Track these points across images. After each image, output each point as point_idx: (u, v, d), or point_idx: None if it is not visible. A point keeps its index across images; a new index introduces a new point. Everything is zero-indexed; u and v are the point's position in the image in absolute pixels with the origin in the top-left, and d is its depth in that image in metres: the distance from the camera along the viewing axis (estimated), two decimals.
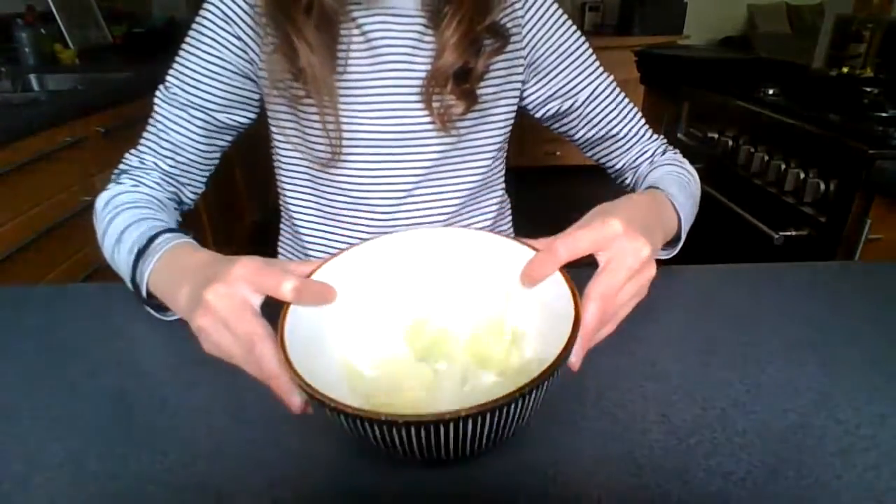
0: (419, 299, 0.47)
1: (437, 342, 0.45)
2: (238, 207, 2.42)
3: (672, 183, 0.62)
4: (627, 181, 0.75)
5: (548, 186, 3.45)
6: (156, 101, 0.66)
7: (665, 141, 0.75)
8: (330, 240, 0.72)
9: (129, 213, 0.58)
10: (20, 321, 0.57)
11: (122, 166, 0.67)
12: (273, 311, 0.39)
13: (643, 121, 0.73)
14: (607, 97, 0.71)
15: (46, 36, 2.04)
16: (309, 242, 0.73)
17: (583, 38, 0.70)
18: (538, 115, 0.73)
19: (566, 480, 0.37)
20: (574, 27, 0.69)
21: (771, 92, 1.38)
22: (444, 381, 0.41)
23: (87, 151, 1.51)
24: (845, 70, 1.57)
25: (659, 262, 0.45)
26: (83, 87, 1.70)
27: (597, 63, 0.71)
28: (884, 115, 1.13)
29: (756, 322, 0.55)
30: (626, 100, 0.72)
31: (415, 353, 0.45)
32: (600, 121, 0.71)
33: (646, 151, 0.73)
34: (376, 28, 0.61)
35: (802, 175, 1.17)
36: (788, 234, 1.19)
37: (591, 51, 0.70)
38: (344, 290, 0.43)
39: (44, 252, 1.36)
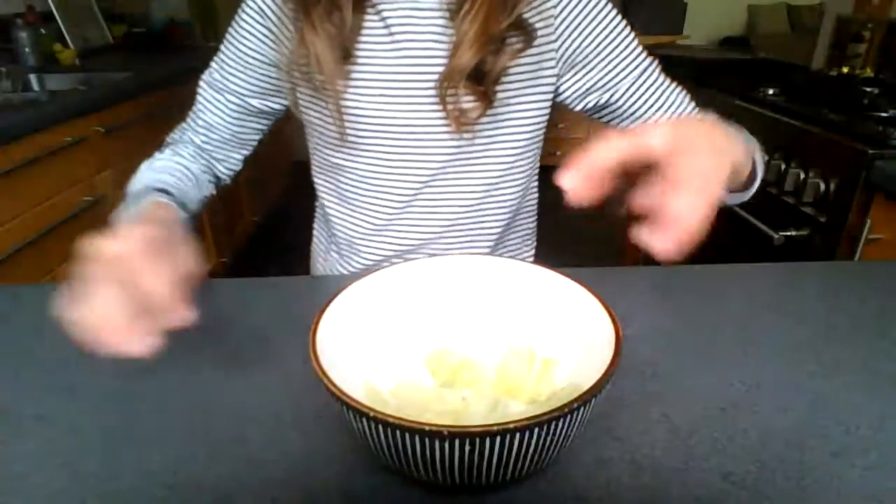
0: (445, 326, 0.46)
1: (462, 370, 0.44)
2: (238, 207, 2.42)
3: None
4: None
5: (548, 186, 3.44)
6: (200, 83, 0.72)
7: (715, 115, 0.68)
8: (352, 222, 0.74)
9: (149, 175, 0.64)
10: (20, 320, 0.57)
11: (167, 139, 0.74)
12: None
13: (688, 101, 0.70)
14: (650, 86, 0.68)
15: (46, 36, 2.04)
16: (335, 223, 0.76)
17: (622, 22, 0.66)
18: (577, 108, 0.71)
19: (566, 480, 0.37)
20: (612, 10, 0.66)
21: (771, 92, 1.38)
22: (472, 407, 0.41)
23: (87, 151, 1.50)
24: (845, 70, 1.57)
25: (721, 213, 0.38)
26: (83, 87, 1.70)
27: (637, 49, 0.67)
28: (884, 115, 1.13)
29: (756, 322, 0.55)
30: (669, 84, 0.70)
31: (438, 381, 0.44)
32: (644, 111, 0.69)
33: None
34: (399, 21, 0.62)
35: (802, 175, 1.17)
36: (788, 234, 1.19)
37: (630, 36, 0.67)
38: (370, 314, 0.43)
39: (44, 251, 1.36)
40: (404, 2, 0.62)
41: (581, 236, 2.63)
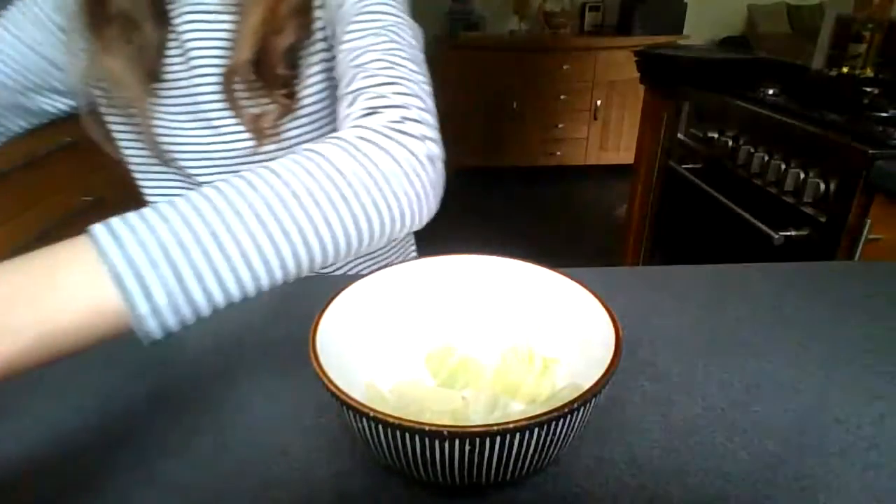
0: (445, 326, 0.46)
1: (462, 369, 0.44)
2: None
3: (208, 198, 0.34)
4: None
5: (548, 186, 3.45)
6: None
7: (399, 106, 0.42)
8: None
9: None
10: None
11: None
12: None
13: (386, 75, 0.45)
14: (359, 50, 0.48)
15: None
16: None
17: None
18: None
19: (566, 480, 0.37)
20: None
21: (771, 92, 1.39)
22: (472, 407, 0.41)
23: (85, 151, 1.50)
24: (845, 70, 1.57)
25: None
26: None
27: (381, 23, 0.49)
28: (884, 115, 1.13)
29: (756, 322, 0.55)
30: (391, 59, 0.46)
31: (438, 380, 0.44)
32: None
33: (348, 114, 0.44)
34: (187, 28, 0.58)
35: (802, 175, 1.17)
36: (788, 234, 1.19)
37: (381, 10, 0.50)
38: (370, 313, 0.43)
39: None
40: (189, 5, 0.57)
41: (581, 236, 2.64)
